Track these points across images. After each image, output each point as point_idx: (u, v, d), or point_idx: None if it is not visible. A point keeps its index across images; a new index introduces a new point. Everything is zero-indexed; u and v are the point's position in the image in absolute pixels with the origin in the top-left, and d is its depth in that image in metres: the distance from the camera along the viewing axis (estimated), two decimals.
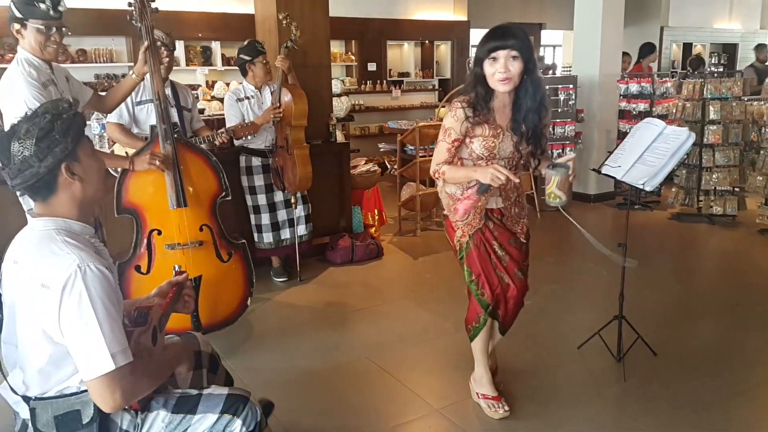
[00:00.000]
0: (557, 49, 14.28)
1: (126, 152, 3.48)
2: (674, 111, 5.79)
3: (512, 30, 2.29)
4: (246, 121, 4.10)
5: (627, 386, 2.93)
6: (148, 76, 3.04)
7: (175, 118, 3.69)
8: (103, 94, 3.24)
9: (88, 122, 3.16)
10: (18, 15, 2.65)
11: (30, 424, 1.58)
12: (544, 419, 2.70)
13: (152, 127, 3.09)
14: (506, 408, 2.71)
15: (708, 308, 3.93)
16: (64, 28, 2.75)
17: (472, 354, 2.80)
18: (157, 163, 2.98)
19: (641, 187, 2.83)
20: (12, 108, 2.63)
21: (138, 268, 3.08)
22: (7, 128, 2.67)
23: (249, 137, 4.06)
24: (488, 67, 2.30)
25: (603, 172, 3.11)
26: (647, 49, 7.17)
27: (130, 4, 3.02)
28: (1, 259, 1.62)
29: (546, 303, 4.01)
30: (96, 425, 1.56)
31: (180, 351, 1.87)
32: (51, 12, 2.64)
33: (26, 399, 1.57)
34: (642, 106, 6.31)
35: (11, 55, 6.41)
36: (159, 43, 3.50)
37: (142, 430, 1.65)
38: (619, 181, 3.00)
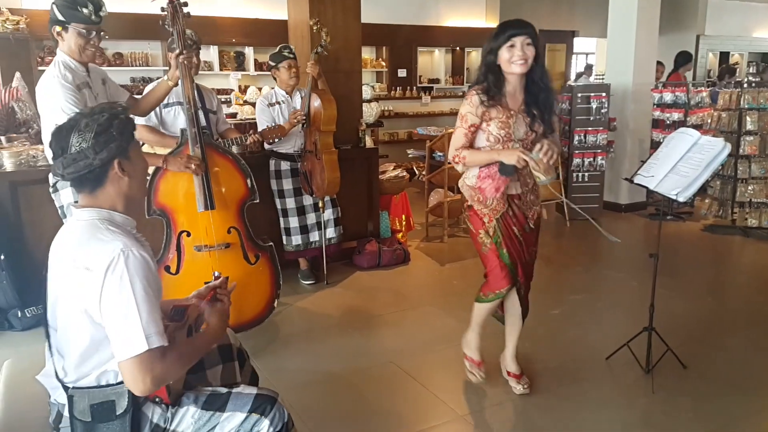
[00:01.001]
0: (590, 56, 14.15)
1: (155, 152, 3.54)
2: (709, 121, 5.68)
3: (525, 21, 2.56)
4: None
5: (655, 398, 2.88)
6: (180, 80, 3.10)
7: (202, 121, 3.75)
8: (138, 97, 3.31)
9: None
10: (60, 18, 2.73)
11: (65, 413, 1.63)
12: (569, 429, 2.68)
13: (182, 131, 3.14)
14: (483, 375, 2.96)
15: (740, 322, 3.84)
16: (102, 32, 2.84)
17: (476, 329, 3.00)
18: (192, 166, 3.04)
19: (674, 197, 2.78)
20: (49, 114, 2.73)
21: (168, 269, 3.14)
22: (45, 131, 2.79)
23: (277, 140, 4.11)
24: (506, 53, 2.52)
25: (636, 181, 3.08)
26: (683, 59, 7.07)
27: (162, 9, 3.09)
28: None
29: (574, 312, 3.97)
30: (129, 417, 1.60)
31: (212, 335, 1.86)
32: (93, 17, 2.73)
33: (65, 387, 1.62)
34: (676, 115, 6.21)
35: (50, 58, 6.61)
36: (189, 42, 3.53)
37: (172, 423, 1.69)
38: (652, 191, 2.96)
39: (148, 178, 3.10)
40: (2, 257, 3.52)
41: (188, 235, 3.14)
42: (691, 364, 3.15)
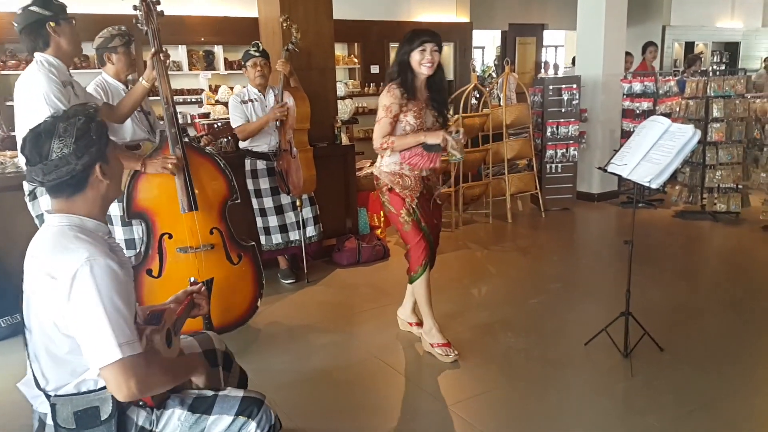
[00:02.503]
0: (559, 49, 14.33)
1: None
2: (677, 109, 5.80)
3: (435, 32, 3.06)
4: (251, 122, 4.17)
5: (634, 382, 2.95)
6: (157, 81, 3.06)
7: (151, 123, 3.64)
8: (111, 104, 3.26)
9: None
10: (48, 13, 2.76)
11: (47, 421, 1.61)
12: (552, 415, 2.72)
13: (161, 132, 3.11)
14: (456, 353, 3.21)
15: (713, 305, 3.95)
16: (73, 20, 2.88)
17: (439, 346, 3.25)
18: (170, 166, 3.00)
19: (647, 184, 2.84)
20: (28, 102, 2.70)
21: (149, 272, 3.11)
22: (19, 125, 2.74)
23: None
24: (417, 55, 2.99)
25: (609, 170, 3.13)
26: (645, 47, 7.23)
27: (135, 8, 3.04)
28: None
29: (553, 301, 4.03)
30: (114, 421, 1.59)
31: (196, 358, 1.90)
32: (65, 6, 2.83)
33: (47, 395, 1.60)
34: (645, 104, 6.33)
35: (13, 62, 6.47)
36: (128, 38, 3.49)
37: (158, 426, 1.67)
38: (624, 179, 3.02)
39: (126, 181, 3.06)
40: None
41: (170, 237, 3.11)
42: (668, 347, 3.23)
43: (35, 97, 2.68)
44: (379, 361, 3.24)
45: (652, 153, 2.89)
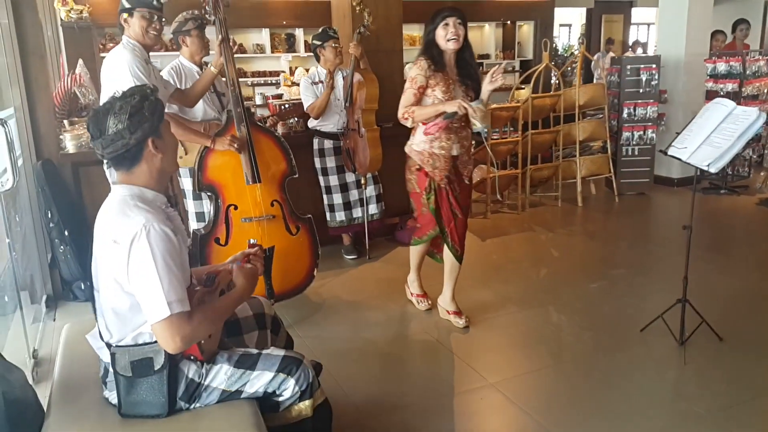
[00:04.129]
0: (651, 27, 13.64)
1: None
2: (765, 91, 5.47)
3: (456, 7, 3.17)
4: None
5: (686, 369, 2.91)
6: (224, 65, 3.30)
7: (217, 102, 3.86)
8: (182, 89, 3.53)
9: None
10: (127, 5, 3.08)
11: (110, 368, 1.82)
12: (595, 398, 2.74)
13: (228, 111, 3.35)
14: (429, 302, 3.60)
15: None
16: (164, 19, 3.15)
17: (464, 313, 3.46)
18: (236, 145, 3.26)
19: (706, 168, 2.78)
20: (113, 72, 3.02)
21: (217, 240, 3.37)
22: (104, 97, 3.04)
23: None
24: (441, 31, 3.07)
25: (669, 153, 3.06)
26: (736, 25, 6.79)
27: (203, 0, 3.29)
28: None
29: (613, 286, 3.98)
30: (166, 372, 1.78)
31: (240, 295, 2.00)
32: (155, 2, 3.09)
33: (108, 345, 1.81)
34: (730, 86, 5.98)
35: (112, 45, 6.97)
36: (201, 21, 3.68)
37: (206, 379, 1.85)
38: (684, 162, 2.95)
39: (197, 157, 3.32)
40: (66, 233, 3.83)
41: (235, 208, 3.36)
42: (728, 338, 3.14)
43: (120, 67, 2.99)
44: (429, 336, 3.35)
45: (714, 136, 2.81)
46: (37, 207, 3.82)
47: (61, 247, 3.84)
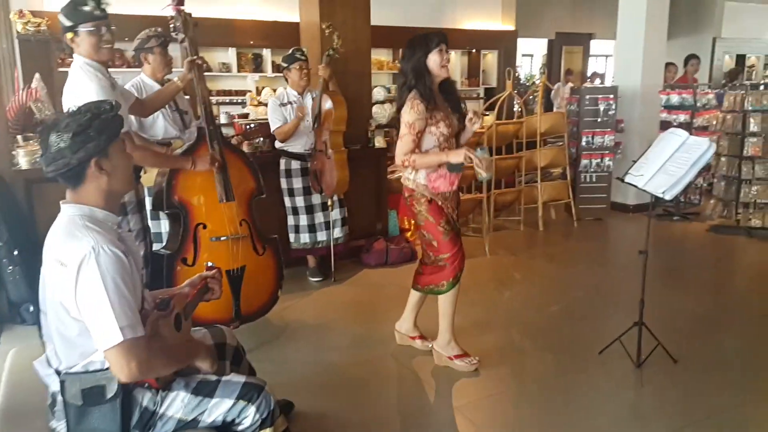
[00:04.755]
0: (608, 59, 14.13)
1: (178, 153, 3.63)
2: (715, 122, 5.73)
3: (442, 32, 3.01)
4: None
5: (643, 391, 2.98)
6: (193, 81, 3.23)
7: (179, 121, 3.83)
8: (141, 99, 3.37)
9: None
10: (68, 24, 2.72)
11: (59, 396, 1.72)
12: (558, 420, 2.79)
13: (199, 128, 3.29)
14: (476, 359, 3.20)
15: (735, 320, 3.91)
16: (113, 27, 2.81)
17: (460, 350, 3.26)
18: (217, 164, 3.18)
19: (661, 196, 2.89)
20: (78, 91, 2.71)
21: (185, 260, 3.27)
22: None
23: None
24: (437, 57, 2.90)
25: (626, 180, 3.18)
26: (687, 60, 7.15)
27: (171, 18, 3.20)
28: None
29: (573, 309, 4.07)
30: (119, 400, 1.70)
31: (200, 344, 1.98)
32: (96, 11, 2.71)
33: (57, 372, 1.73)
34: (683, 117, 6.26)
35: (71, 60, 6.82)
36: (159, 38, 3.63)
37: (161, 407, 1.78)
38: (641, 189, 3.06)
39: (167, 176, 3.22)
40: (16, 252, 3.68)
41: (204, 227, 3.28)
42: (683, 359, 3.24)
43: (81, 83, 2.73)
44: (395, 360, 3.36)
45: (669, 165, 2.93)
46: None
47: (10, 267, 3.69)
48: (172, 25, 3.25)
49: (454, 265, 3.08)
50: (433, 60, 2.90)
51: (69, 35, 2.75)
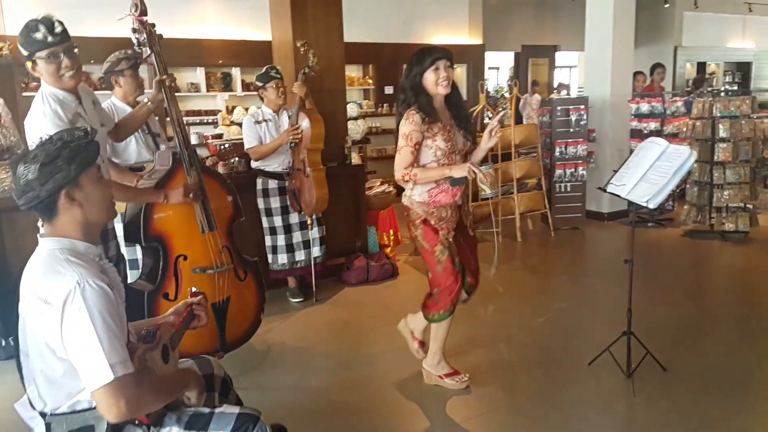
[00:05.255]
0: (573, 70, 14.42)
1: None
2: (684, 129, 5.85)
3: (445, 47, 2.89)
4: (264, 143, 4.29)
5: (636, 402, 2.97)
6: (165, 104, 3.05)
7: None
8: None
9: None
10: (25, 53, 2.53)
11: None
12: None
13: (174, 154, 3.11)
14: (467, 376, 3.13)
15: (718, 325, 3.95)
16: (75, 50, 2.58)
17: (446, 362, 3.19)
18: (192, 195, 2.97)
19: (645, 204, 2.90)
20: (33, 125, 2.56)
21: (166, 296, 3.08)
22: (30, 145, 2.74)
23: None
24: (431, 75, 2.79)
25: (608, 190, 3.19)
26: (653, 68, 7.31)
27: (134, 30, 2.96)
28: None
29: (558, 320, 4.06)
30: None
31: (190, 373, 1.91)
32: (49, 38, 2.47)
33: (42, 414, 1.64)
34: (653, 125, 6.38)
35: (35, 84, 6.68)
36: (129, 61, 3.52)
37: None
38: (623, 199, 3.07)
39: (142, 209, 3.01)
40: None
41: (185, 258, 3.10)
42: (671, 367, 3.24)
43: (36, 115, 2.57)
44: (384, 381, 3.29)
45: (650, 173, 2.95)
46: None
47: None
48: (136, 39, 2.99)
49: (447, 300, 2.96)
50: (429, 79, 2.80)
51: (29, 65, 2.56)
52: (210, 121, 7.90)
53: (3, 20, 6.50)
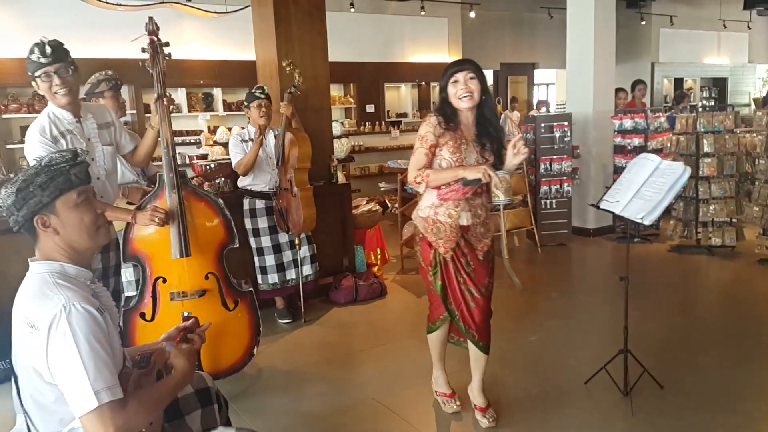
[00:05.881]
0: (550, 87, 14.58)
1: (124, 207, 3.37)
2: (669, 145, 5.90)
3: (467, 59, 2.82)
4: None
5: (635, 420, 2.93)
6: (161, 125, 3.01)
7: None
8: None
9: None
10: (29, 73, 2.74)
11: None
12: None
13: (159, 176, 3.05)
14: (458, 404, 3.05)
15: (711, 340, 3.94)
16: (70, 70, 2.74)
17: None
18: (157, 219, 2.90)
19: (640, 221, 2.88)
20: (26, 146, 2.82)
21: (143, 315, 3.04)
22: None
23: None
24: (452, 89, 2.71)
25: (602, 207, 3.17)
26: (634, 85, 7.39)
27: (143, 50, 3.00)
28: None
29: (551, 338, 4.02)
30: None
31: (178, 375, 1.81)
32: (42, 59, 2.66)
33: None
34: (637, 141, 6.42)
35: (14, 106, 6.57)
36: (114, 82, 3.55)
37: None
38: (618, 215, 3.05)
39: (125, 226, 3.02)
40: None
41: (164, 281, 3.05)
42: (668, 384, 3.21)
43: (29, 137, 2.81)
44: (377, 402, 3.21)
45: (644, 190, 2.94)
46: None
47: None
48: (147, 55, 3.03)
49: (434, 314, 2.97)
50: (450, 92, 2.71)
51: (34, 84, 2.79)
52: (193, 141, 7.82)
53: None
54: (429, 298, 2.97)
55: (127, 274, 3.49)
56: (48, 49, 2.67)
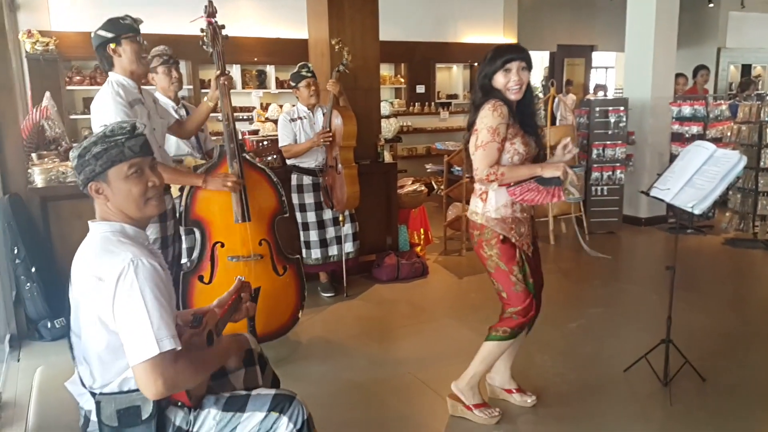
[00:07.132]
0: (609, 70, 14.15)
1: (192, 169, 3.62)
2: (729, 134, 5.67)
3: (521, 46, 2.58)
4: (299, 141, 4.34)
5: (673, 411, 2.88)
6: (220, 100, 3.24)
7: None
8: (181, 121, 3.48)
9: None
10: (110, 35, 2.85)
11: (92, 417, 1.70)
12: None
13: (220, 146, 3.27)
14: (498, 411, 2.86)
15: (760, 337, 3.81)
16: (145, 43, 2.98)
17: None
18: (230, 184, 3.15)
19: (690, 210, 2.81)
20: (97, 113, 2.87)
21: (201, 278, 3.25)
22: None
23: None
24: (501, 78, 2.49)
25: (652, 194, 3.10)
26: (697, 70, 7.10)
27: (202, 30, 3.22)
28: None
29: (592, 325, 3.98)
30: (154, 421, 1.66)
31: (230, 344, 1.95)
32: (135, 24, 2.90)
33: (92, 393, 1.69)
34: (695, 128, 6.20)
35: (79, 78, 6.85)
36: (167, 57, 3.71)
37: (194, 426, 1.74)
38: (668, 203, 2.98)
39: (187, 192, 3.22)
40: (33, 269, 3.65)
41: (222, 245, 3.26)
42: (710, 378, 3.14)
43: (105, 119, 2.79)
44: (413, 377, 3.27)
45: (696, 178, 2.86)
46: (3, 243, 3.64)
47: (28, 284, 3.66)
48: (203, 38, 3.26)
49: (521, 320, 2.69)
50: (498, 81, 2.50)
51: (112, 46, 2.87)
52: (245, 117, 7.97)
53: (49, 17, 6.65)
54: (512, 299, 2.69)
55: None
56: (138, 20, 2.94)
